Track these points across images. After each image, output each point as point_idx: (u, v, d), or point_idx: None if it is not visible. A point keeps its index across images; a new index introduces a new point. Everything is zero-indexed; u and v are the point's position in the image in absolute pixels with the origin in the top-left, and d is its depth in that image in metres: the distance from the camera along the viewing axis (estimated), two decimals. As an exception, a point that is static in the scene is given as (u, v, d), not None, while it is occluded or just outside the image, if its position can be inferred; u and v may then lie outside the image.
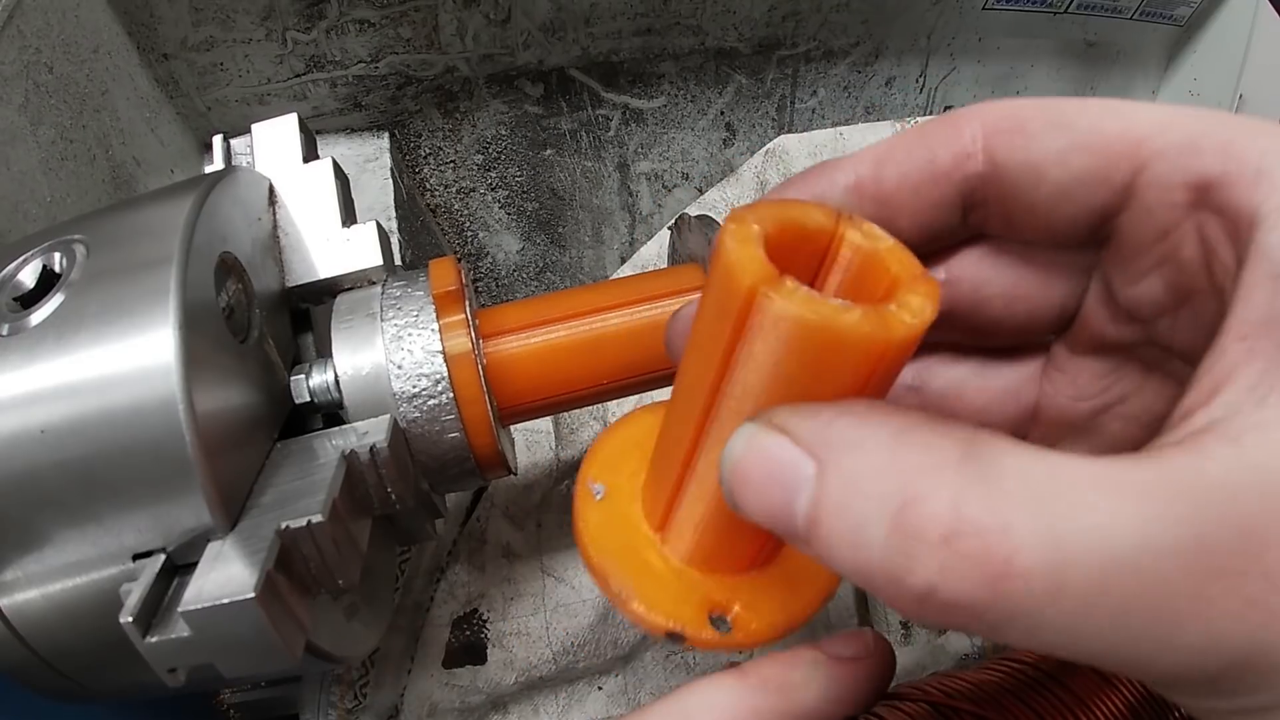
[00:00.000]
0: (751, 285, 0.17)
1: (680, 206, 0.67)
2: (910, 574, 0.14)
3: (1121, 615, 0.14)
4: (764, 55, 0.62)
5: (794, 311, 0.16)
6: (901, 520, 0.14)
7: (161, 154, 0.50)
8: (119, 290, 0.25)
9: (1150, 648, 0.14)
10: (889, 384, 0.18)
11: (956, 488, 0.14)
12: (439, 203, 0.63)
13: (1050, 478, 0.14)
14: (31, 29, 0.39)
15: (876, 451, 0.15)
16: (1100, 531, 0.14)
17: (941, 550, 0.14)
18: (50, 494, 0.24)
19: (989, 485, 0.14)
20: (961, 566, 0.14)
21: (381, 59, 0.54)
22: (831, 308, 0.16)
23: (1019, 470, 0.14)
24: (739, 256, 0.17)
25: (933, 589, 0.14)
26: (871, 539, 0.15)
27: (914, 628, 0.48)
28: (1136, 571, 0.13)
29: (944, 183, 0.20)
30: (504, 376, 0.33)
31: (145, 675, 0.25)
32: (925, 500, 0.14)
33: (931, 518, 0.14)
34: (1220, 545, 0.13)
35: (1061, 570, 0.14)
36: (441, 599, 0.46)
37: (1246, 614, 0.14)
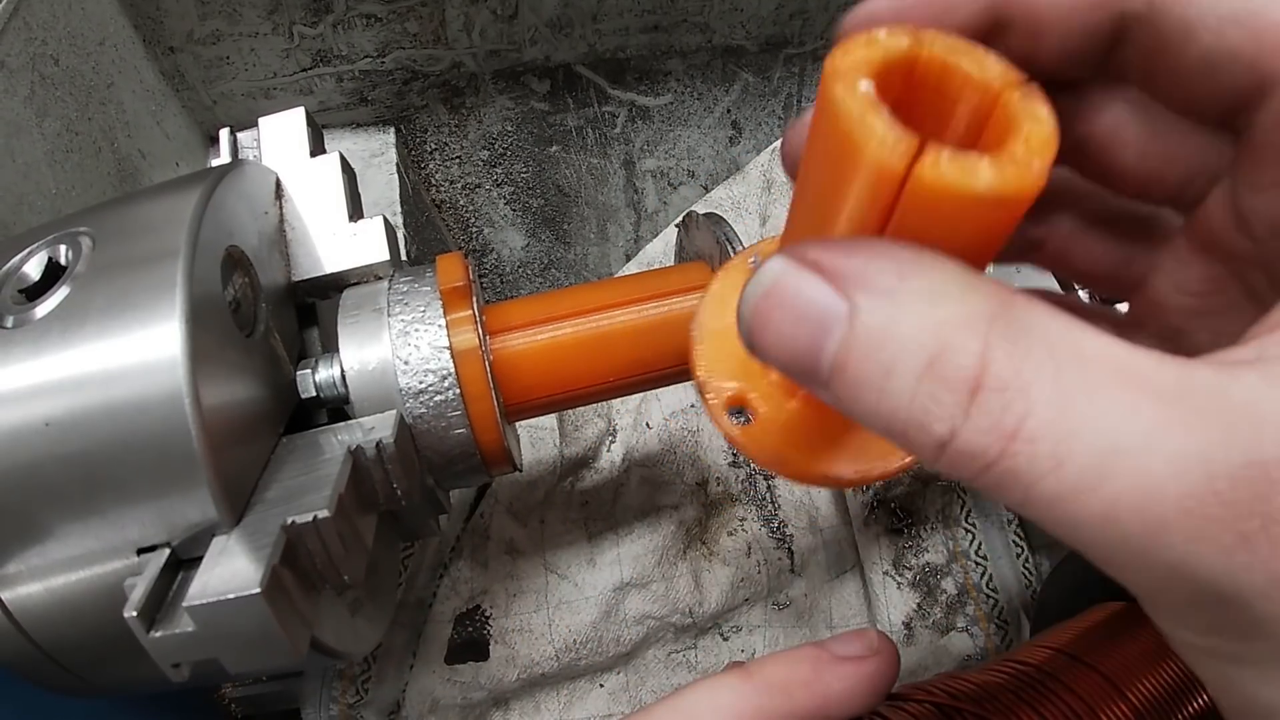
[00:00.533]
0: (829, 70, 0.16)
1: (686, 204, 0.67)
2: (935, 421, 0.14)
3: (1111, 507, 0.14)
4: (771, 53, 0.62)
5: (835, 99, 0.15)
6: (932, 369, 0.14)
7: (167, 147, 0.50)
8: (125, 283, 0.25)
9: (1132, 551, 0.14)
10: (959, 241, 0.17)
11: (987, 342, 0.14)
12: (444, 198, 0.63)
13: (1078, 352, 0.14)
14: (38, 21, 0.39)
15: (912, 299, 0.15)
16: (1110, 420, 0.14)
17: (965, 400, 0.14)
18: (54, 487, 0.24)
19: (1017, 345, 0.14)
20: (980, 418, 0.14)
21: (388, 54, 0.54)
22: (866, 110, 0.15)
23: (1050, 337, 0.14)
24: (852, 48, 0.16)
25: (953, 435, 0.14)
26: (900, 386, 0.15)
27: (916, 627, 0.48)
28: (1134, 468, 0.13)
29: (1100, 9, 0.18)
30: (510, 373, 0.33)
31: (148, 670, 0.25)
32: (956, 351, 0.14)
33: (959, 369, 0.14)
34: (1223, 470, 0.13)
35: (1066, 444, 0.14)
36: (444, 595, 0.46)
37: (1234, 550, 0.13)
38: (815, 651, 0.26)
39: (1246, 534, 0.13)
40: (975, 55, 0.17)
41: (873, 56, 0.16)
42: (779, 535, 0.50)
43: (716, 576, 0.49)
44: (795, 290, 0.16)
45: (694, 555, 0.49)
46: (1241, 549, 0.13)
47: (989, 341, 0.14)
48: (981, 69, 0.17)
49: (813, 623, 0.50)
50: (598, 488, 0.49)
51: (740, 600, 0.49)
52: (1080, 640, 0.36)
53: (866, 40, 0.16)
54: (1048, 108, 0.16)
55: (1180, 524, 0.13)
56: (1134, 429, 0.13)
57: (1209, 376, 0.14)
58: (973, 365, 0.14)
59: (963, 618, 0.49)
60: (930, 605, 0.49)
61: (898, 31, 0.17)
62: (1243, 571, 0.13)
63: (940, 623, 0.49)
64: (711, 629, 0.50)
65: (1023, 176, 0.15)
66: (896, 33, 0.17)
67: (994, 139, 0.17)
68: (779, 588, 0.50)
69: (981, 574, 0.49)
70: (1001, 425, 0.14)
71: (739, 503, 0.50)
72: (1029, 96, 0.17)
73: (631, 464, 0.49)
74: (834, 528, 0.51)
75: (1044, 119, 0.16)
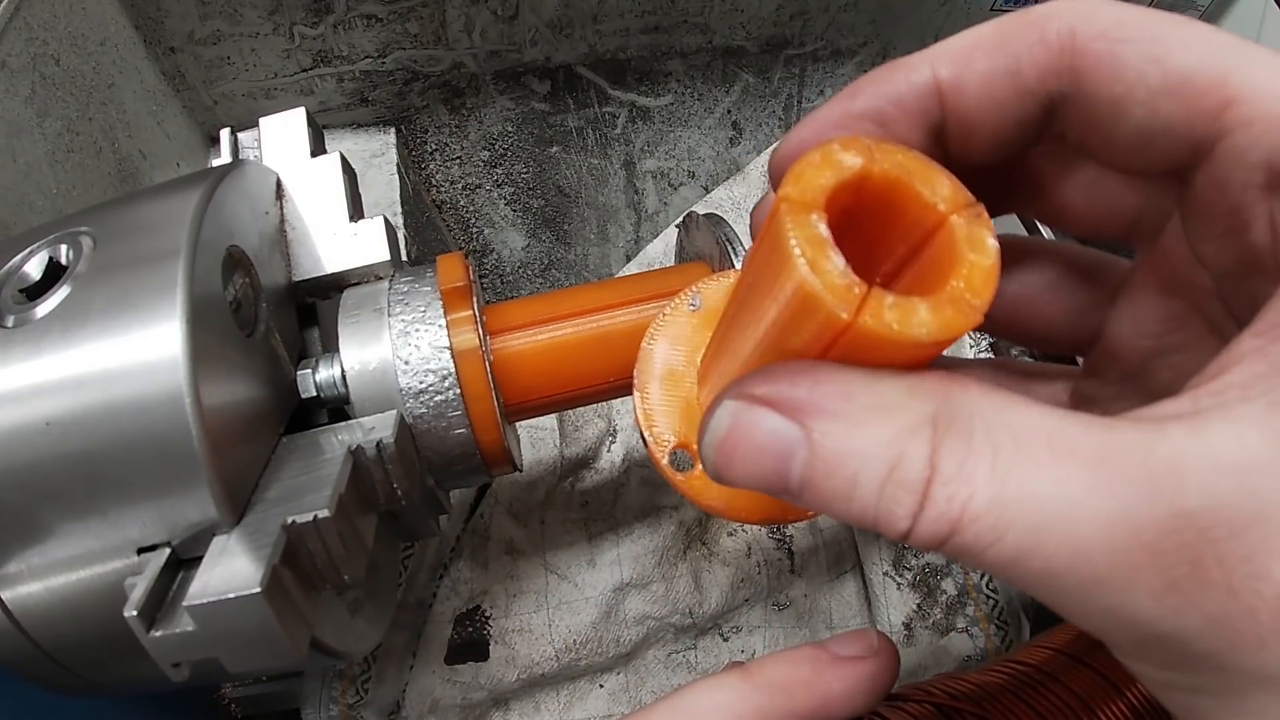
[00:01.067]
0: (782, 195, 0.16)
1: (686, 205, 0.67)
2: (898, 518, 0.16)
3: (1049, 567, 0.15)
4: (771, 54, 0.62)
5: (784, 238, 0.16)
6: (892, 477, 0.16)
7: (168, 147, 0.50)
8: (126, 283, 0.25)
9: (1075, 601, 0.15)
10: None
11: (933, 445, 0.16)
12: (445, 199, 0.63)
13: (1011, 431, 0.16)
14: (39, 21, 0.39)
15: (860, 415, 0.17)
16: (1039, 491, 0.15)
17: (918, 498, 0.16)
18: (55, 487, 0.24)
19: (959, 440, 0.16)
20: (931, 509, 0.16)
21: (388, 54, 0.54)
22: (816, 255, 0.16)
23: (987, 422, 0.16)
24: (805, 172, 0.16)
25: (912, 527, 0.16)
26: (866, 494, 0.16)
27: (916, 627, 0.48)
28: (1063, 532, 0.15)
29: (1028, 98, 0.19)
30: (511, 373, 0.33)
31: (148, 669, 0.25)
32: (910, 459, 0.16)
33: (914, 473, 0.16)
34: (1149, 523, 0.14)
35: (1004, 519, 0.15)
36: (444, 595, 0.46)
37: (1165, 594, 0.14)
38: (815, 652, 0.26)
39: (1175, 580, 0.14)
40: (927, 175, 0.17)
41: (825, 182, 0.17)
42: (779, 536, 0.50)
43: (716, 577, 0.49)
44: (752, 427, 0.18)
45: (694, 556, 0.49)
46: (1172, 593, 0.14)
47: (935, 443, 0.16)
48: (931, 190, 0.17)
49: (813, 623, 0.50)
50: (598, 488, 0.49)
51: (740, 601, 0.49)
52: (1080, 640, 0.37)
53: (821, 161, 0.17)
54: (991, 238, 0.17)
55: (1111, 576, 0.15)
56: (1061, 496, 0.15)
57: (1134, 437, 0.15)
58: (924, 468, 0.16)
59: (963, 618, 0.49)
60: (930, 606, 0.49)
61: (853, 148, 0.17)
62: (1176, 613, 0.14)
63: (940, 623, 0.49)
64: (711, 629, 0.50)
65: (960, 320, 0.16)
66: (851, 150, 0.17)
67: (936, 262, 0.17)
68: (779, 588, 0.50)
69: (981, 574, 0.49)
70: (948, 514, 0.16)
71: (739, 503, 0.50)
72: (974, 222, 0.17)
73: (632, 464, 0.49)
74: (834, 528, 0.51)
75: (986, 251, 0.17)
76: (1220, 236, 0.18)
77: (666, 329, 0.27)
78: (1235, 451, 0.14)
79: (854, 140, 0.17)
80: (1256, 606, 0.14)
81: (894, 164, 0.17)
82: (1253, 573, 0.14)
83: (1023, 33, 0.18)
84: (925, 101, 0.19)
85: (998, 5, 0.62)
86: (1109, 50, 0.17)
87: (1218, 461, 0.14)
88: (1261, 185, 0.16)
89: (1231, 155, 0.17)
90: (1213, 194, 0.18)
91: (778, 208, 0.16)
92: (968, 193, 0.17)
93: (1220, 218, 0.18)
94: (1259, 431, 0.14)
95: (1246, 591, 0.14)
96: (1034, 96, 0.18)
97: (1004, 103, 0.19)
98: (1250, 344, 0.15)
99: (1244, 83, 0.16)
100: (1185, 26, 0.17)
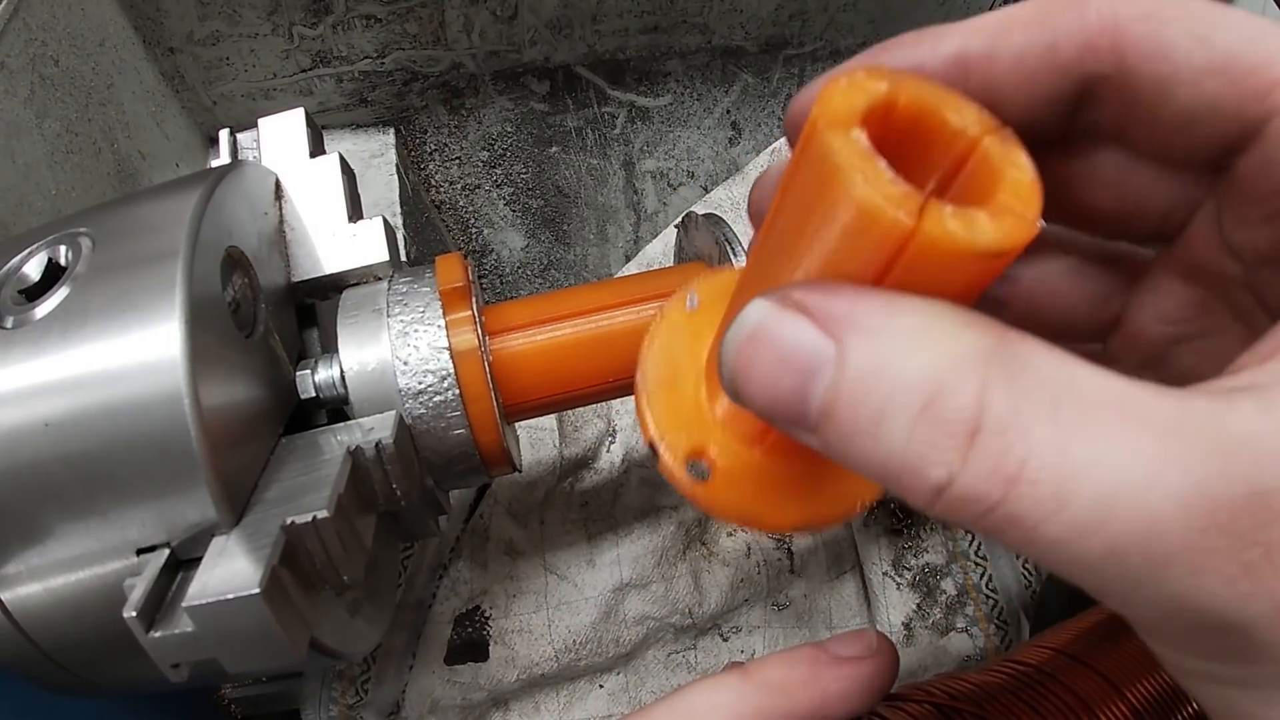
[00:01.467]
0: (817, 117, 0.15)
1: (685, 205, 0.67)
2: (932, 465, 0.14)
3: (1115, 545, 0.13)
4: (770, 54, 0.62)
5: (832, 151, 0.15)
6: (927, 412, 0.14)
7: (167, 148, 0.50)
8: (125, 284, 0.25)
9: (1136, 585, 0.14)
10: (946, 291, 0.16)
11: (984, 382, 0.14)
12: (444, 199, 0.63)
13: (1075, 389, 0.14)
14: (38, 22, 0.39)
15: (903, 337, 0.15)
16: (1111, 458, 0.13)
17: (963, 444, 0.14)
18: (54, 487, 0.24)
19: (1015, 384, 0.14)
20: (979, 463, 0.14)
21: (388, 55, 0.54)
22: (867, 166, 0.15)
23: (1047, 374, 0.14)
24: (835, 96, 0.16)
25: (951, 481, 0.14)
26: (894, 430, 0.14)
27: (916, 627, 0.48)
28: (1136, 505, 0.13)
29: (1063, 76, 0.18)
30: (510, 373, 0.33)
31: (147, 670, 0.25)
32: (953, 393, 0.14)
33: (957, 411, 0.14)
34: (1224, 502, 0.13)
35: (1069, 485, 0.13)
36: (444, 596, 0.46)
37: (1237, 580, 0.13)
38: (814, 652, 0.26)
39: (1249, 563, 0.13)
40: (951, 100, 0.17)
41: (856, 103, 0.16)
42: (779, 536, 0.50)
43: (716, 577, 0.49)
44: (779, 333, 0.16)
45: (693, 556, 0.49)
46: (1244, 578, 0.13)
47: (986, 381, 0.14)
48: (959, 115, 0.17)
49: (812, 623, 0.50)
50: (597, 488, 0.49)
51: (740, 601, 0.49)
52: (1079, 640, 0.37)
53: (849, 85, 0.16)
54: (1025, 155, 0.16)
55: (1184, 557, 0.13)
56: (1135, 465, 0.13)
57: (1205, 407, 0.14)
58: (970, 407, 0.14)
59: (962, 618, 0.49)
60: (930, 606, 0.49)
61: (875, 74, 0.16)
62: (1247, 600, 0.13)
63: (940, 623, 0.49)
64: (711, 630, 0.50)
65: (1021, 228, 0.15)
66: (875, 75, 0.16)
67: (974, 186, 0.17)
68: (778, 588, 0.50)
69: (981, 574, 0.49)
70: (1003, 469, 0.14)
71: (738, 503, 0.50)
72: (1006, 143, 0.16)
73: (631, 464, 0.49)
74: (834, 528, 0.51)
75: (1024, 166, 0.16)
76: (1258, 222, 0.18)
77: (665, 332, 0.26)
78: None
79: (878, 68, 0.17)
80: None
81: (920, 90, 0.17)
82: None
83: (1063, 11, 0.18)
84: (948, 72, 0.18)
85: (997, 4, 0.62)
86: (1153, 30, 0.17)
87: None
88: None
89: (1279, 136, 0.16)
90: (1258, 177, 0.17)
91: (814, 127, 0.15)
92: (993, 117, 0.17)
93: (1262, 202, 0.17)
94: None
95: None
96: (1070, 76, 0.18)
97: (1038, 77, 0.18)
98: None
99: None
100: (1224, 10, 0.17)
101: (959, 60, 0.18)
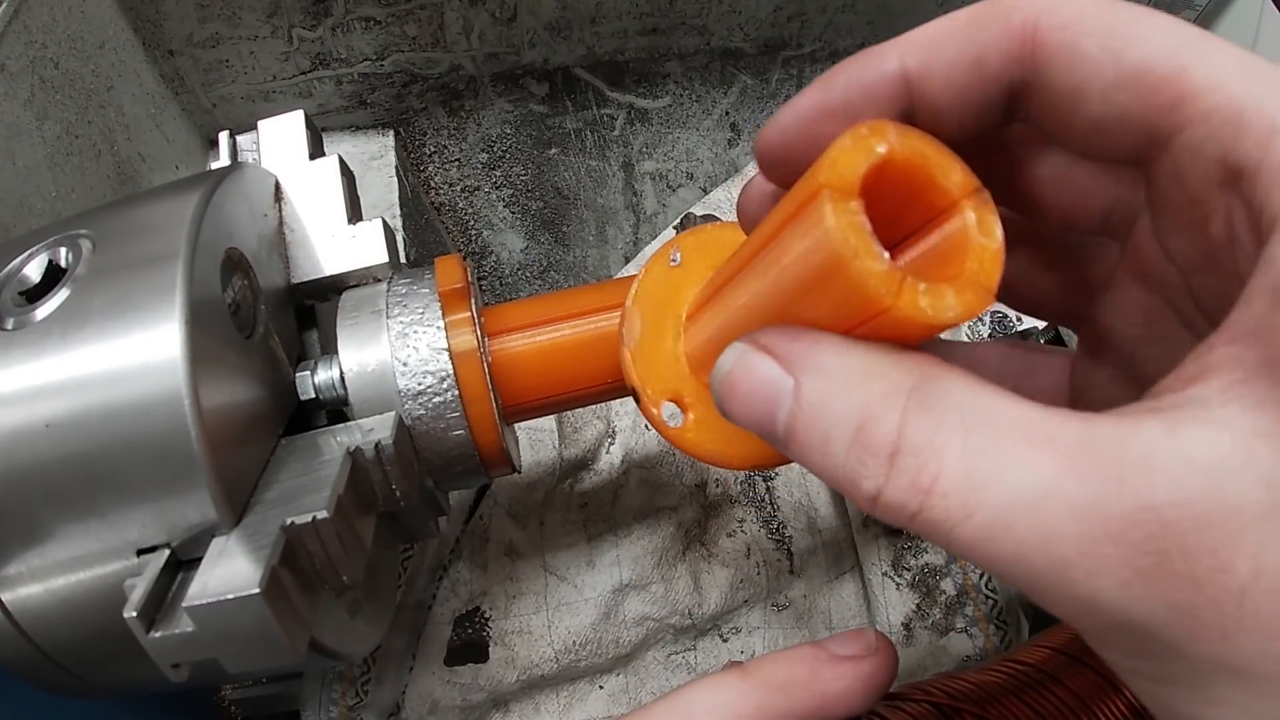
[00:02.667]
0: (822, 182, 0.17)
1: (684, 206, 0.67)
2: (864, 480, 0.17)
3: (1021, 548, 0.15)
4: (769, 56, 0.62)
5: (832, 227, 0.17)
6: (859, 436, 0.17)
7: (166, 150, 0.50)
8: (125, 285, 0.25)
9: (1045, 585, 0.16)
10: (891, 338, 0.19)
11: (904, 413, 0.17)
12: (443, 201, 0.63)
13: (986, 416, 0.16)
14: (38, 24, 0.39)
15: (844, 376, 0.18)
16: (1012, 473, 0.16)
17: (884, 464, 0.17)
18: (54, 488, 0.24)
19: (930, 414, 0.17)
20: (899, 478, 0.17)
21: (387, 57, 0.54)
22: (863, 247, 0.17)
23: (961, 404, 0.17)
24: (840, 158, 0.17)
25: (879, 493, 0.17)
26: (836, 449, 0.18)
27: (915, 627, 0.48)
28: (1035, 514, 0.15)
29: (992, 86, 0.19)
30: (509, 374, 0.33)
31: (148, 670, 0.25)
32: (878, 421, 0.17)
33: (881, 436, 0.17)
34: (1117, 514, 0.15)
35: (974, 496, 0.16)
36: (444, 597, 0.46)
37: (1131, 583, 0.15)
38: (813, 651, 0.26)
39: (1143, 569, 0.15)
40: (942, 161, 0.18)
41: (859, 168, 0.17)
42: (778, 536, 0.50)
43: (716, 578, 0.49)
44: (751, 368, 0.20)
45: (693, 557, 0.49)
46: (1138, 582, 0.15)
47: (905, 412, 0.17)
48: (945, 175, 0.18)
49: (812, 624, 0.50)
50: (597, 489, 0.49)
51: (739, 602, 0.49)
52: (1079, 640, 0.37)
53: (853, 147, 0.18)
54: (996, 220, 0.18)
55: (1080, 563, 0.15)
56: (1033, 480, 0.15)
57: (1110, 429, 0.15)
58: (891, 433, 0.17)
59: (962, 618, 0.49)
60: (929, 606, 0.49)
61: (879, 134, 0.18)
62: (1141, 601, 0.15)
63: (939, 623, 0.49)
64: (711, 630, 0.50)
65: (979, 302, 0.17)
66: (878, 135, 0.18)
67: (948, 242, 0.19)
68: (778, 589, 0.50)
69: (980, 575, 0.49)
70: (918, 483, 0.16)
71: (738, 504, 0.50)
72: (983, 207, 0.18)
73: (630, 465, 0.49)
74: (833, 529, 0.51)
75: (993, 234, 0.18)
76: (1184, 230, 0.18)
77: (649, 287, 0.29)
78: (1207, 452, 0.15)
79: (880, 126, 0.18)
80: (1220, 599, 0.14)
81: (913, 150, 0.18)
82: (1216, 566, 0.14)
83: (989, 22, 0.19)
84: (892, 90, 0.20)
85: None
86: (1069, 41, 0.18)
87: (1189, 460, 0.15)
88: (1218, 181, 0.16)
89: (1188, 150, 0.17)
90: (1172, 187, 0.18)
91: (816, 192, 0.17)
92: (975, 178, 0.18)
93: (1182, 211, 0.18)
94: (1232, 435, 0.15)
95: (1210, 584, 0.14)
96: (996, 84, 0.19)
97: (968, 90, 0.19)
98: (1224, 350, 0.16)
99: (1201, 77, 0.16)
100: (1148, 19, 0.17)
101: (901, 78, 0.19)
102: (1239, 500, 0.14)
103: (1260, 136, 0.15)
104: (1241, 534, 0.14)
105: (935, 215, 0.19)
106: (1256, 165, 0.15)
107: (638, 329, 0.28)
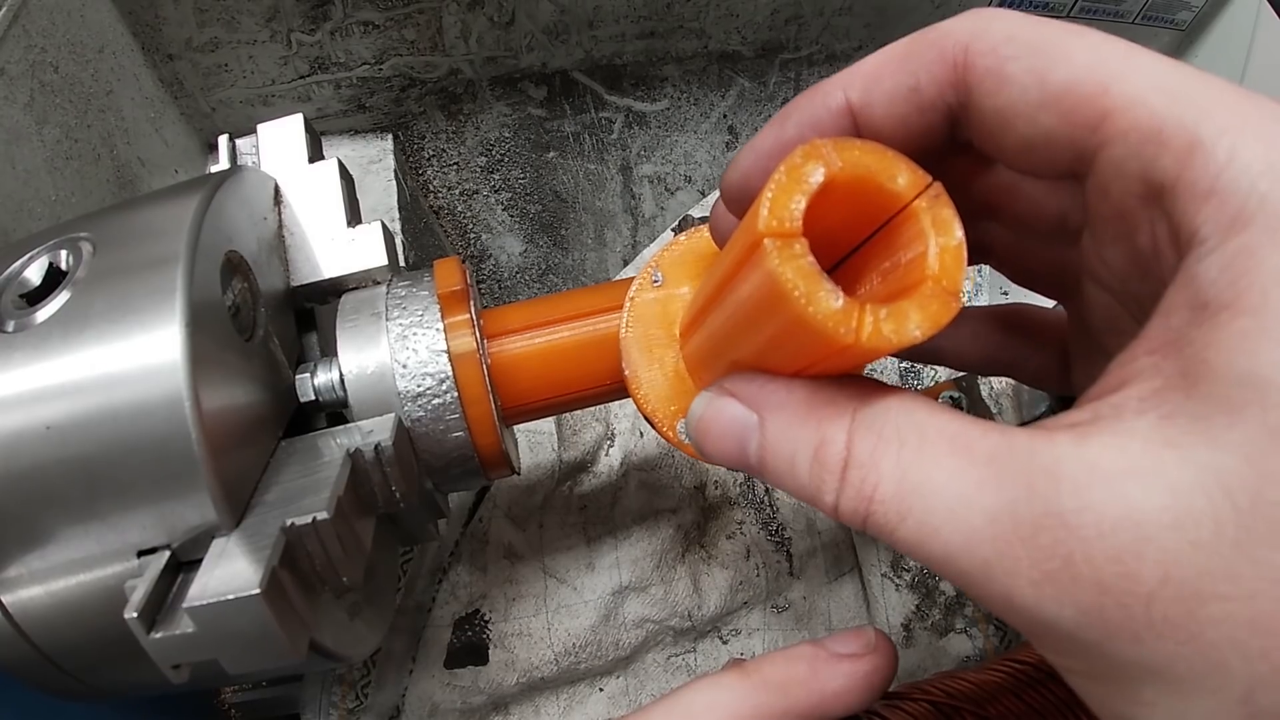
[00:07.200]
0: (762, 231, 0.17)
1: (683, 209, 0.67)
2: (825, 493, 0.19)
3: (949, 550, 0.17)
4: (767, 59, 0.62)
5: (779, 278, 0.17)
6: (818, 456, 0.19)
7: (166, 154, 0.51)
8: (125, 288, 0.26)
9: (974, 584, 0.17)
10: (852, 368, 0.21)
11: (850, 433, 0.19)
12: (442, 204, 0.63)
13: (919, 430, 0.18)
14: (37, 29, 0.39)
15: (799, 407, 0.20)
16: (935, 481, 0.17)
17: (839, 478, 0.19)
18: (55, 491, 0.24)
19: (871, 431, 0.19)
20: (849, 489, 0.19)
21: (385, 61, 0.54)
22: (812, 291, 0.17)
23: (898, 421, 0.18)
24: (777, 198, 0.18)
25: (836, 505, 0.19)
26: (800, 470, 0.20)
27: (915, 628, 0.49)
28: (956, 519, 0.17)
29: (929, 112, 0.20)
30: (508, 376, 0.33)
31: (148, 673, 0.25)
32: (830, 443, 0.19)
33: (833, 455, 0.19)
34: (1026, 519, 0.16)
35: (905, 502, 0.17)
36: (443, 599, 0.46)
37: (1041, 585, 0.16)
38: (813, 650, 0.26)
39: (1050, 572, 0.15)
40: (885, 165, 0.18)
41: (798, 206, 0.18)
42: (777, 538, 0.50)
43: (715, 580, 0.49)
44: (719, 412, 0.22)
45: (692, 559, 0.49)
46: (1046, 584, 0.16)
47: (851, 433, 0.19)
48: (893, 180, 0.18)
49: (812, 625, 0.50)
50: (596, 492, 0.49)
51: (739, 603, 0.49)
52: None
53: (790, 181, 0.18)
54: (954, 214, 0.18)
55: (997, 564, 0.16)
56: (953, 488, 0.17)
57: (1024, 442, 0.17)
58: (841, 452, 0.19)
59: (961, 619, 0.49)
60: (929, 607, 0.49)
61: (814, 158, 0.18)
62: (1052, 602, 0.16)
63: (939, 624, 0.49)
64: (711, 632, 0.50)
65: (945, 311, 0.17)
66: (813, 160, 0.18)
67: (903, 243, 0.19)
68: (778, 590, 0.50)
69: (979, 575, 0.49)
70: (862, 493, 0.18)
71: (737, 506, 0.51)
72: (935, 203, 0.18)
73: (630, 468, 0.49)
74: (832, 530, 0.51)
75: (952, 232, 0.18)
76: (1115, 242, 0.19)
77: (638, 314, 0.30)
78: (1113, 460, 0.15)
79: (814, 149, 0.18)
80: (1127, 603, 0.15)
81: (854, 164, 0.18)
82: (1122, 573, 0.15)
83: (924, 50, 0.19)
84: (840, 123, 0.21)
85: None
86: (995, 66, 0.18)
87: (1094, 468, 0.15)
88: (1141, 196, 0.17)
89: (1111, 166, 0.17)
90: (1101, 203, 0.18)
91: (758, 244, 0.18)
92: (924, 174, 0.18)
93: (1109, 224, 0.18)
94: (1142, 444, 0.15)
95: (1116, 589, 0.15)
96: (934, 110, 0.20)
97: (907, 119, 0.20)
98: (1144, 361, 0.16)
99: (1121, 94, 0.17)
100: (1074, 38, 0.18)
101: (846, 111, 0.21)
102: (1144, 508, 0.15)
103: (1179, 153, 0.16)
104: (1146, 542, 0.14)
105: (891, 216, 0.19)
106: (1174, 181, 0.16)
107: (636, 359, 0.29)
